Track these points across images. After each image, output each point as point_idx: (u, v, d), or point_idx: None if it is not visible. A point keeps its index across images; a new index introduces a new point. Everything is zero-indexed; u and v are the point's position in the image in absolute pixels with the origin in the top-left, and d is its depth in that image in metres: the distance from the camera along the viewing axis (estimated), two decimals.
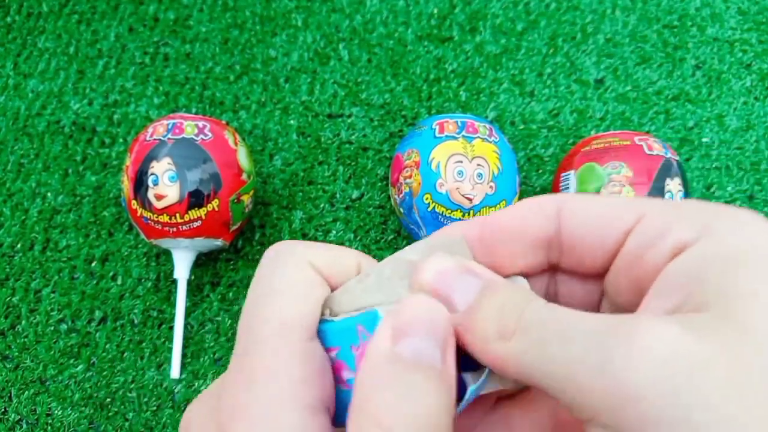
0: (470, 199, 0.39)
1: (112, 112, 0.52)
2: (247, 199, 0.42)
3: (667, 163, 0.39)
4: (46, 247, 0.46)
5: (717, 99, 0.52)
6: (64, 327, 0.44)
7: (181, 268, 0.42)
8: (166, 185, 0.39)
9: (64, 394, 0.42)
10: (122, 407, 0.41)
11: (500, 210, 0.19)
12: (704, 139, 0.50)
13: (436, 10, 0.56)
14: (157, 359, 0.43)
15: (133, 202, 0.40)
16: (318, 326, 0.17)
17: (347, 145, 0.50)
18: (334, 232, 0.47)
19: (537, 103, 0.52)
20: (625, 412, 0.14)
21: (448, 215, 0.39)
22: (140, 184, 0.40)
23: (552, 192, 0.44)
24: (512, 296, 0.16)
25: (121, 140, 0.50)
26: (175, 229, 0.40)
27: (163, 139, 0.40)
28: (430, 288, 0.17)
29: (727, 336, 0.14)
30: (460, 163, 0.39)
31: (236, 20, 0.56)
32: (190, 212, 0.39)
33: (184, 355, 0.43)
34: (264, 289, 0.17)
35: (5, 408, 0.41)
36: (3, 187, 0.49)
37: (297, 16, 0.56)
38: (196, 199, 0.39)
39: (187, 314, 0.44)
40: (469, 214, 0.39)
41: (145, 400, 0.41)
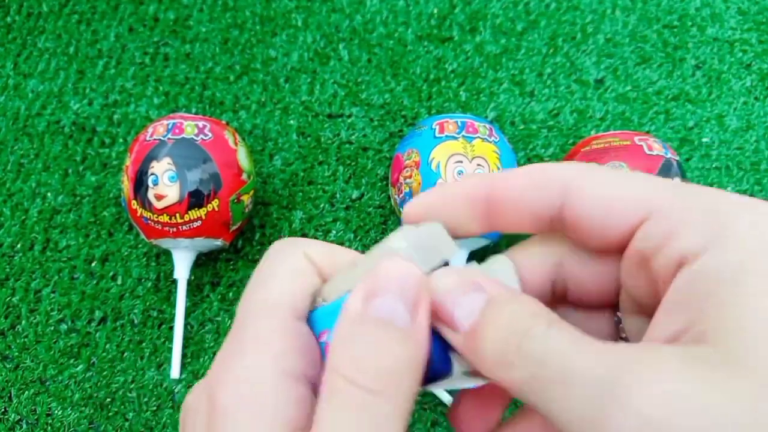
0: None
1: (112, 112, 0.52)
2: (247, 199, 0.42)
3: (667, 163, 0.39)
4: (46, 247, 0.46)
5: (717, 99, 0.52)
6: (64, 327, 0.44)
7: (181, 268, 0.42)
8: (166, 185, 0.39)
9: (64, 394, 0.42)
10: (122, 407, 0.41)
11: (509, 172, 0.19)
12: (704, 139, 0.50)
13: (436, 10, 0.56)
14: (157, 359, 0.43)
15: (133, 202, 0.40)
16: (309, 314, 0.18)
17: (347, 145, 0.50)
18: (334, 232, 0.47)
19: (537, 103, 0.52)
20: None
21: None
22: (140, 184, 0.40)
23: None
24: (513, 320, 0.16)
25: (121, 140, 0.50)
26: (175, 229, 0.40)
27: (163, 139, 0.40)
28: (437, 310, 0.17)
29: (729, 386, 0.13)
30: (460, 163, 0.39)
31: (236, 20, 0.56)
32: (190, 212, 0.39)
33: (184, 355, 0.43)
34: (260, 275, 0.19)
35: (5, 408, 0.41)
36: (3, 187, 0.49)
37: (297, 16, 0.56)
38: (196, 199, 0.39)
39: (187, 314, 0.44)
40: None
41: (145, 400, 0.41)
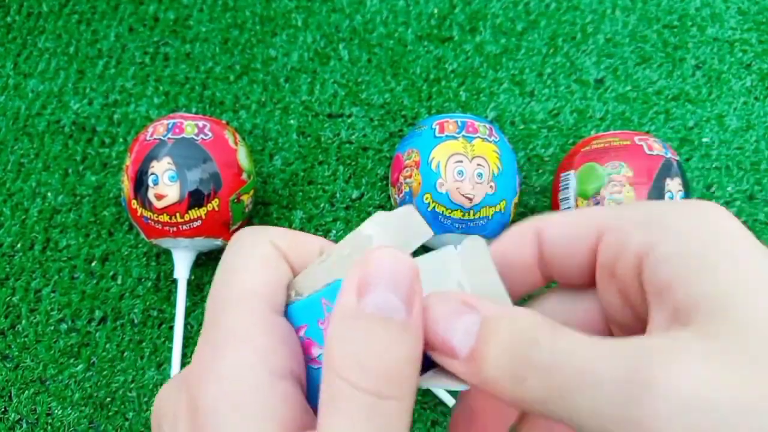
0: (470, 199, 0.39)
1: (112, 112, 0.52)
2: (247, 198, 0.42)
3: (667, 163, 0.39)
4: (46, 247, 0.46)
5: (717, 99, 0.52)
6: (64, 327, 0.44)
7: (181, 268, 0.42)
8: (166, 185, 0.39)
9: (64, 394, 0.42)
10: (122, 407, 0.41)
11: (495, 241, 0.20)
12: (704, 139, 0.50)
13: (436, 10, 0.56)
14: (157, 359, 0.43)
15: (133, 201, 0.40)
16: (285, 309, 0.18)
17: (347, 145, 0.50)
18: (334, 231, 0.47)
19: (537, 103, 0.52)
20: None
21: (448, 215, 0.39)
22: (140, 183, 0.40)
23: (552, 192, 0.44)
24: (515, 333, 0.16)
25: (121, 140, 0.50)
26: (175, 228, 0.40)
27: (163, 138, 0.40)
28: (431, 341, 0.17)
29: (732, 353, 0.14)
30: (460, 163, 0.39)
31: (236, 20, 0.56)
32: (190, 212, 0.39)
33: (184, 355, 0.43)
34: (228, 266, 0.18)
35: (5, 407, 0.41)
36: (3, 186, 0.49)
37: (297, 16, 0.56)
38: (196, 198, 0.39)
39: (187, 314, 0.44)
40: (469, 214, 0.39)
41: (145, 399, 0.41)
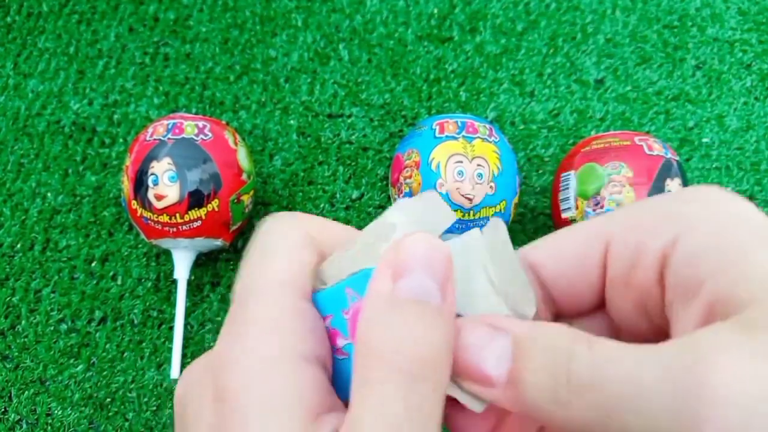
0: (470, 199, 0.39)
1: (112, 112, 0.52)
2: (247, 199, 0.42)
3: (667, 163, 0.39)
4: (46, 247, 0.46)
5: (717, 99, 0.52)
6: (64, 327, 0.44)
7: (181, 268, 0.42)
8: (166, 185, 0.39)
9: (64, 394, 0.42)
10: (122, 407, 0.41)
11: None
12: (704, 140, 0.50)
13: (436, 10, 0.56)
14: (157, 359, 0.43)
15: (133, 202, 0.40)
16: (312, 297, 0.17)
17: (347, 145, 0.50)
18: None
19: (537, 104, 0.52)
20: None
21: None
22: (140, 184, 0.40)
23: (552, 192, 0.44)
24: (551, 351, 0.15)
25: (121, 140, 0.50)
26: (175, 229, 0.40)
27: (163, 139, 0.40)
28: (464, 371, 0.16)
29: None
30: (460, 163, 0.39)
31: (236, 20, 0.56)
32: (190, 212, 0.39)
33: (184, 355, 0.43)
34: (258, 251, 0.17)
35: (5, 408, 0.41)
36: (3, 187, 0.49)
37: (297, 16, 0.56)
38: (196, 199, 0.39)
39: (187, 314, 0.44)
40: (469, 214, 0.39)
41: (145, 400, 0.41)
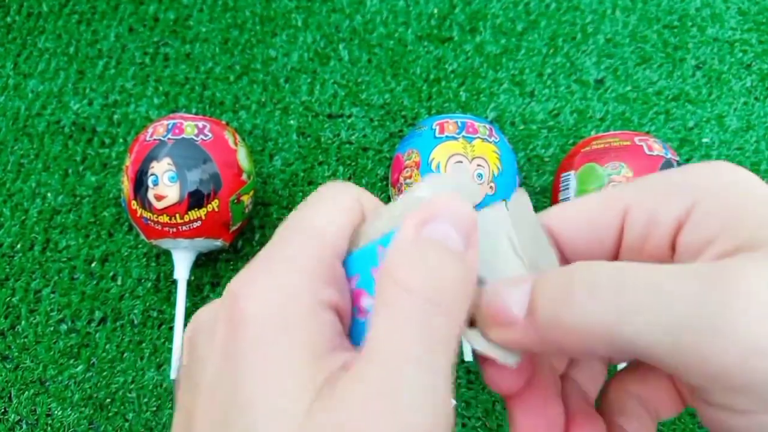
0: None
1: (112, 113, 0.52)
2: (247, 199, 0.42)
3: (667, 163, 0.39)
4: (46, 248, 0.46)
5: (717, 99, 0.52)
6: (63, 327, 0.44)
7: (181, 269, 0.42)
8: (166, 185, 0.39)
9: (63, 395, 0.42)
10: (122, 408, 0.41)
11: None
12: (704, 140, 0.50)
13: (436, 11, 0.56)
14: (157, 360, 0.43)
15: (133, 202, 0.40)
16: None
17: (347, 146, 0.50)
18: None
19: (537, 104, 0.52)
20: (749, 367, 0.13)
21: None
22: (140, 184, 0.40)
23: (552, 192, 0.44)
24: (564, 272, 0.16)
25: (121, 140, 0.50)
26: (174, 229, 0.40)
27: (163, 139, 0.40)
28: (489, 317, 0.17)
29: None
30: (460, 164, 0.39)
31: (236, 20, 0.56)
32: (189, 213, 0.39)
33: None
34: (309, 203, 0.18)
35: (5, 408, 0.41)
36: (3, 187, 0.49)
37: (297, 16, 0.56)
38: (195, 199, 0.39)
39: (187, 315, 0.44)
40: None
41: (145, 400, 0.41)
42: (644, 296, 0.14)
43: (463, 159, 0.40)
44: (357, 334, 0.17)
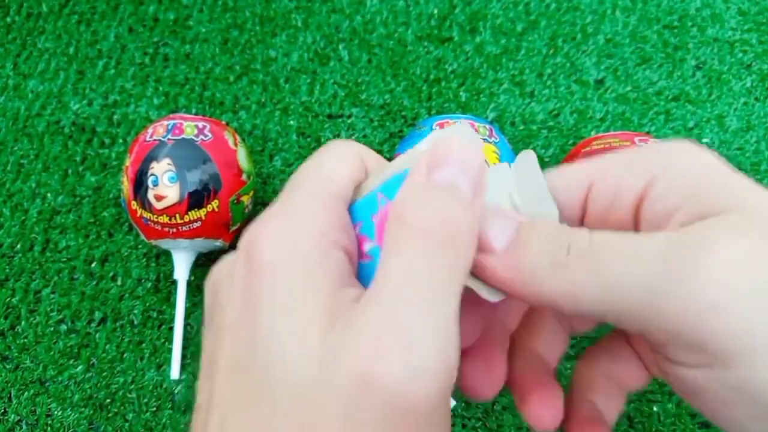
0: None
1: (111, 113, 0.52)
2: (247, 199, 0.42)
3: None
4: (46, 248, 0.46)
5: (717, 99, 0.52)
6: (63, 328, 0.44)
7: (181, 269, 0.42)
8: (166, 186, 0.39)
9: (63, 395, 0.42)
10: (122, 408, 0.41)
11: None
12: (704, 140, 0.50)
13: (436, 11, 0.56)
14: (157, 360, 0.43)
15: (133, 202, 0.40)
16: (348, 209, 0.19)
17: None
18: None
19: (537, 104, 0.52)
20: (708, 325, 0.14)
21: None
22: (140, 184, 0.40)
23: None
24: (554, 226, 0.17)
25: (120, 141, 0.50)
26: (174, 229, 0.40)
27: (162, 139, 0.40)
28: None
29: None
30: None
31: (236, 21, 0.56)
32: (189, 213, 0.39)
33: (183, 356, 0.43)
34: (315, 158, 0.19)
35: (5, 409, 0.41)
36: (3, 187, 0.49)
37: (297, 16, 0.56)
38: (195, 199, 0.39)
39: (187, 315, 0.44)
40: None
41: (145, 401, 0.41)
42: (617, 262, 0.15)
43: None
44: (362, 277, 0.18)
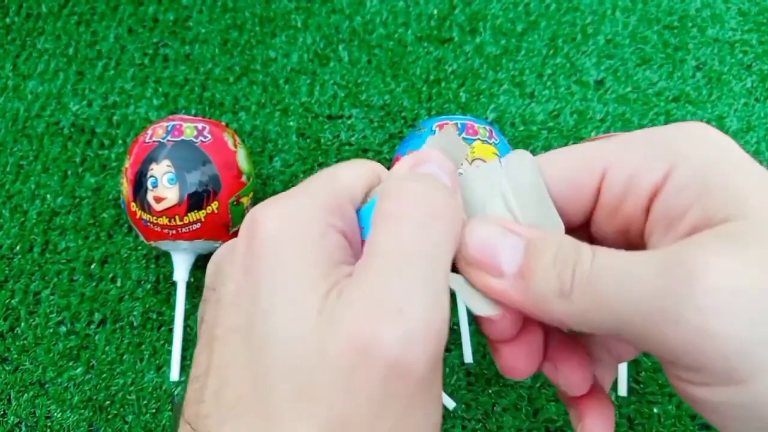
0: None
1: (111, 114, 0.51)
2: (246, 201, 0.42)
3: None
4: (45, 249, 0.46)
5: (717, 100, 0.52)
6: (63, 329, 0.44)
7: (181, 270, 0.42)
8: (166, 187, 0.39)
9: (63, 397, 0.41)
10: (122, 410, 0.41)
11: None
12: None
13: (436, 11, 0.56)
14: (157, 361, 0.43)
15: (133, 204, 0.40)
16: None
17: (347, 147, 0.50)
18: None
19: (537, 105, 0.52)
20: (704, 350, 0.14)
21: None
22: (139, 186, 0.39)
23: None
24: (560, 250, 0.17)
25: (120, 142, 0.50)
26: (174, 231, 0.40)
27: (162, 141, 0.40)
28: (475, 259, 0.18)
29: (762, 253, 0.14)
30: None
31: (236, 21, 0.56)
32: (189, 214, 0.39)
33: (183, 358, 0.43)
34: (334, 165, 0.20)
35: (4, 411, 0.41)
36: (2, 188, 0.49)
37: (297, 17, 0.56)
38: (195, 201, 0.39)
39: (187, 316, 0.44)
40: None
41: (145, 402, 0.41)
42: (616, 289, 0.15)
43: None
44: None
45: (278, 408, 0.16)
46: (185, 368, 0.42)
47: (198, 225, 0.40)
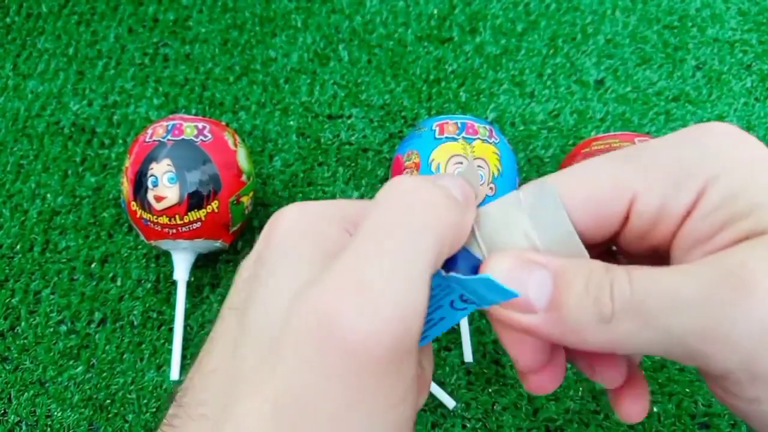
0: None
1: (111, 113, 0.52)
2: (246, 200, 0.42)
3: None
4: (46, 249, 0.46)
5: (717, 100, 0.52)
6: (63, 328, 0.44)
7: (181, 270, 0.42)
8: (166, 186, 0.39)
9: (63, 396, 0.42)
10: (122, 409, 0.41)
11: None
12: None
13: (436, 11, 0.56)
14: (157, 361, 0.43)
15: (133, 203, 0.40)
16: None
17: (347, 146, 0.50)
18: None
19: (537, 104, 0.52)
20: (749, 368, 0.14)
21: None
22: (140, 185, 0.40)
23: None
24: (591, 276, 0.16)
25: (120, 141, 0.50)
26: (174, 230, 0.40)
27: (162, 140, 0.40)
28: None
29: None
30: (460, 165, 0.39)
31: (236, 21, 0.56)
32: (189, 214, 0.39)
33: (183, 357, 0.43)
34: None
35: (5, 410, 0.41)
36: (2, 188, 0.49)
37: (297, 16, 0.56)
38: (195, 200, 0.39)
39: (187, 316, 0.44)
40: None
41: (145, 401, 0.41)
42: (662, 311, 0.15)
43: (462, 160, 0.39)
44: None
45: (244, 379, 0.16)
46: (185, 367, 0.42)
47: (198, 224, 0.40)
